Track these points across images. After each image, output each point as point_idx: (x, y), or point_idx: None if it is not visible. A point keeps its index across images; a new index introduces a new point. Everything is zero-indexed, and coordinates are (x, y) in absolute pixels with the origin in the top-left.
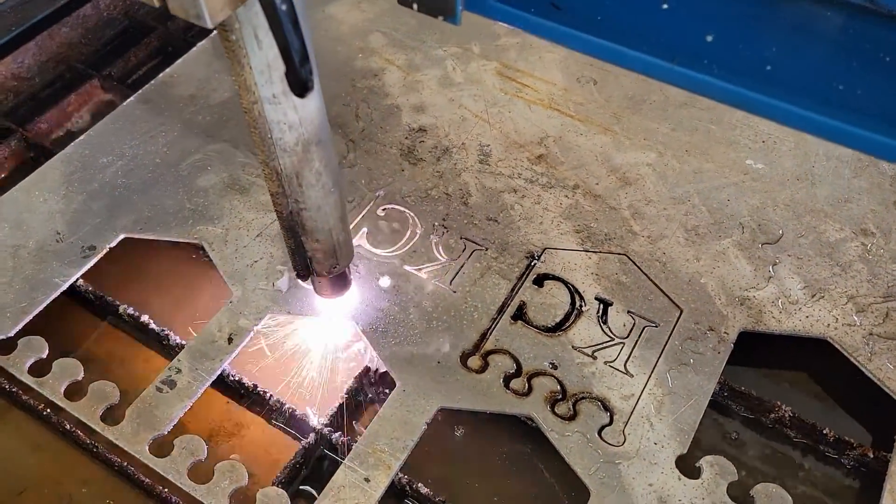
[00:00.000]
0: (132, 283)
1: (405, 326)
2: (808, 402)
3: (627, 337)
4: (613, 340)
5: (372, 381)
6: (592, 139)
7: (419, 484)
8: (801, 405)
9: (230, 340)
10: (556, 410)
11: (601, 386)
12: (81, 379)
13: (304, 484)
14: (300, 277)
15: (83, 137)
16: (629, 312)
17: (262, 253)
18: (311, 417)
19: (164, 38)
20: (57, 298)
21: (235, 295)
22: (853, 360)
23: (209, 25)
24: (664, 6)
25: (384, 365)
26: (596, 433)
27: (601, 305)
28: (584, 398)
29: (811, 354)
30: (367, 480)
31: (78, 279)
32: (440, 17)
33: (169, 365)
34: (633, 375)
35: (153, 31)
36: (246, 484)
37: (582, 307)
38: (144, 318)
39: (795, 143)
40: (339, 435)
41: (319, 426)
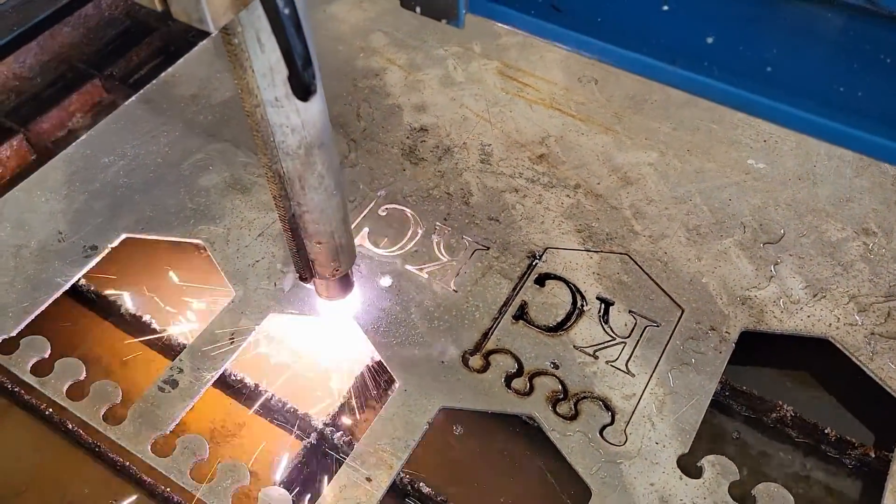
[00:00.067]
0: (134, 282)
1: (406, 326)
2: (809, 401)
3: (629, 336)
4: (615, 340)
5: (373, 380)
6: (594, 139)
7: (421, 483)
8: (802, 405)
9: (232, 340)
10: (557, 410)
11: (603, 385)
12: (83, 378)
13: (305, 483)
14: (303, 280)
15: (85, 137)
16: (631, 312)
17: (263, 252)
18: (312, 417)
19: (165, 37)
20: (59, 298)
21: (237, 295)
22: (855, 359)
23: (212, 30)
24: (664, 8)
25: (386, 364)
26: (597, 433)
27: (602, 305)
28: (585, 398)
29: (813, 354)
30: (368, 480)
31: (80, 279)
32: (443, 20)
33: (171, 364)
34: (634, 375)
35: (155, 30)
36: (248, 483)
37: (583, 307)
38: (146, 317)
39: (797, 142)
40: (340, 434)
41: (321, 425)
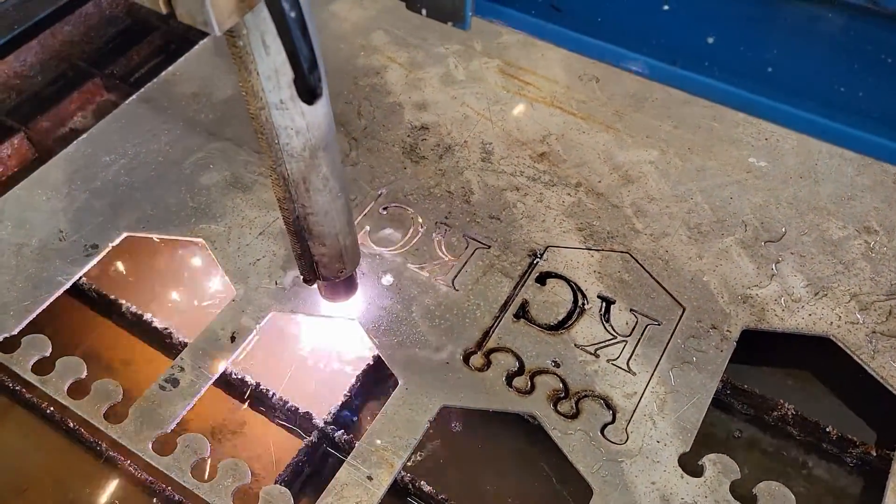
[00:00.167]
0: (135, 281)
1: (408, 325)
2: (810, 400)
3: (630, 335)
4: (616, 338)
5: (374, 379)
6: (595, 137)
7: (422, 482)
8: (803, 403)
9: (233, 339)
10: (558, 408)
11: (604, 384)
12: (84, 377)
13: (306, 482)
14: (307, 282)
15: (85, 136)
16: (632, 310)
17: (264, 251)
18: (313, 415)
19: (166, 36)
20: (60, 297)
21: (238, 293)
22: (856, 358)
23: (217, 32)
24: (665, 8)
25: (387, 363)
26: (598, 431)
27: (604, 303)
28: (586, 396)
29: (814, 352)
30: (369, 479)
31: (81, 277)
32: (449, 22)
33: (172, 363)
34: (635, 373)
35: (155, 29)
36: (249, 482)
37: (584, 305)
38: (147, 316)
39: (798, 140)
40: (341, 433)
41: (322, 424)
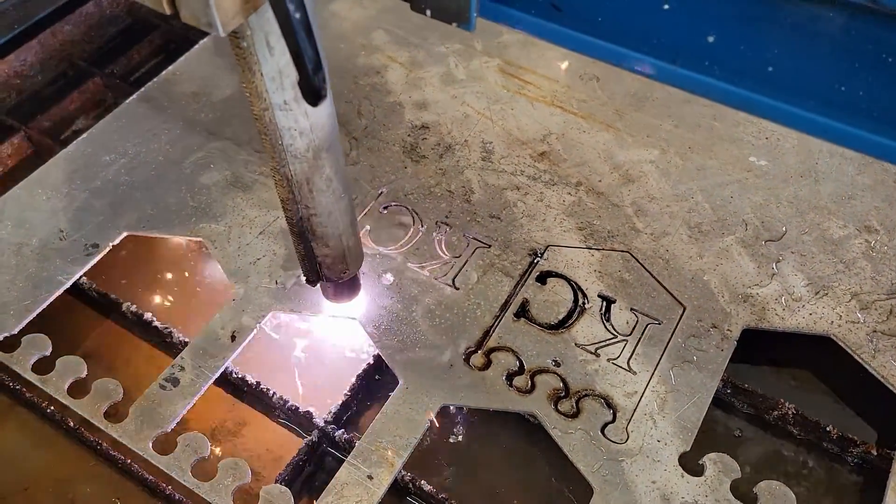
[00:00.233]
0: (135, 280)
1: (408, 324)
2: (811, 399)
3: (630, 334)
4: (616, 338)
5: (375, 378)
6: (595, 136)
7: (422, 481)
8: (804, 402)
9: (233, 338)
10: (559, 408)
11: (604, 383)
12: (85, 376)
13: (306, 481)
14: (310, 283)
15: (86, 135)
16: (632, 310)
17: (264, 250)
18: (314, 415)
19: (166, 35)
20: (60, 296)
21: (238, 292)
22: (857, 357)
23: (221, 34)
24: (665, 7)
25: (387, 362)
26: (599, 430)
27: (604, 303)
28: (587, 395)
29: (815, 352)
30: (370, 478)
31: (81, 277)
32: (454, 23)
33: (172, 362)
34: (636, 373)
35: (155, 28)
36: (249, 481)
37: (585, 304)
38: (147, 315)
39: (799, 140)
40: (342, 432)
41: (322, 423)
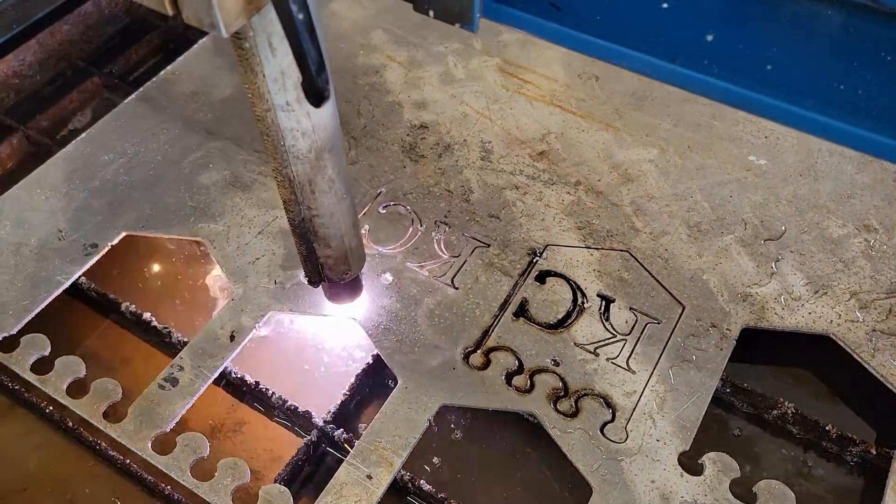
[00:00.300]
0: (134, 280)
1: (407, 324)
2: (810, 398)
3: (629, 334)
4: (616, 337)
5: (374, 378)
6: (594, 135)
7: (421, 481)
8: (803, 402)
9: (232, 338)
10: (558, 407)
11: (603, 383)
12: (84, 376)
13: (306, 481)
14: (312, 284)
15: (84, 135)
16: (631, 309)
17: (263, 250)
18: (313, 414)
19: (165, 35)
20: (59, 296)
21: (237, 292)
22: (856, 356)
23: (224, 35)
24: (664, 5)
25: (386, 362)
26: (598, 430)
27: (603, 302)
28: (586, 395)
29: (814, 351)
30: (369, 478)
31: (80, 277)
32: (457, 24)
33: (171, 362)
34: (635, 372)
35: (154, 28)
36: (248, 481)
37: (584, 304)
38: (146, 315)
39: (798, 138)
40: (341, 432)
41: (321, 423)
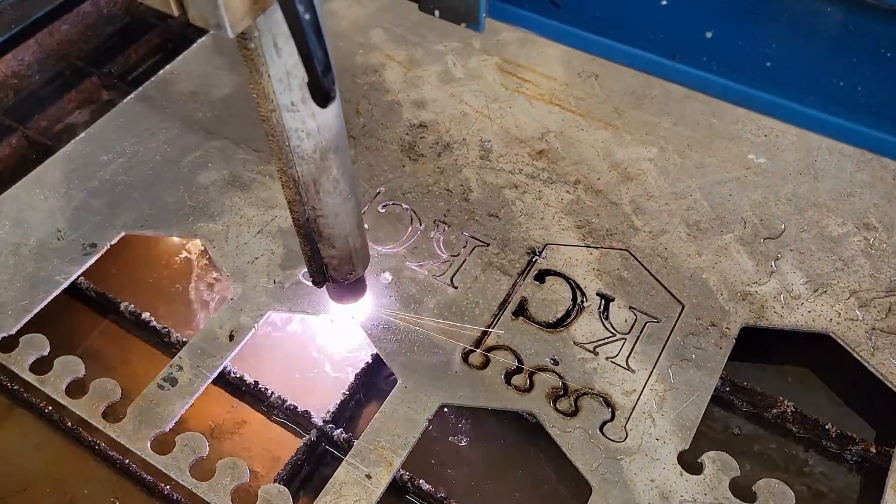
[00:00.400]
0: (133, 280)
1: (406, 323)
2: (810, 397)
3: (629, 332)
4: (615, 336)
5: (373, 377)
6: (593, 134)
7: (421, 480)
8: (803, 400)
9: (231, 337)
10: (557, 406)
11: (603, 382)
12: (83, 376)
13: (305, 481)
14: (316, 284)
15: (83, 135)
16: (631, 308)
17: (262, 250)
18: (312, 414)
19: (164, 34)
20: (58, 296)
21: (236, 292)
22: (856, 355)
23: (230, 35)
24: (663, 2)
25: (385, 361)
26: (598, 429)
27: (603, 301)
28: (585, 394)
29: (813, 349)
30: (368, 477)
31: (79, 277)
32: (463, 24)
33: (170, 362)
34: (634, 371)
35: (153, 27)
36: (247, 481)
37: (583, 303)
38: (145, 315)
39: (798, 137)
40: (340, 432)
41: (321, 423)
